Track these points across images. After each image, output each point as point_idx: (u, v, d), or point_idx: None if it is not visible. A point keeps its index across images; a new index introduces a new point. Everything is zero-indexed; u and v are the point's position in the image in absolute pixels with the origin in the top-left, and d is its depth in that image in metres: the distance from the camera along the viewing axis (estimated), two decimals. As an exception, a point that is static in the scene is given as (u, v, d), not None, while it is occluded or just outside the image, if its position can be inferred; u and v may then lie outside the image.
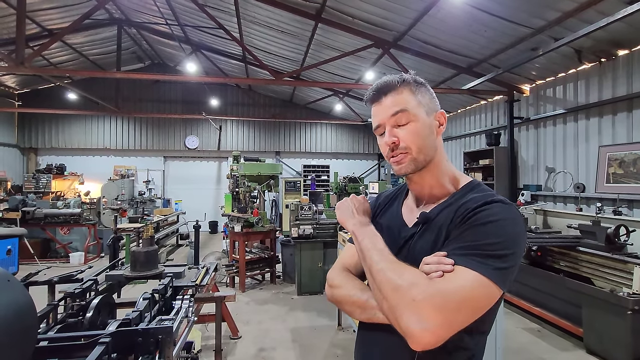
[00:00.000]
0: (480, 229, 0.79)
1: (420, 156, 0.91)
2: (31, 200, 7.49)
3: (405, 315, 0.71)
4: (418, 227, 0.93)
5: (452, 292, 0.71)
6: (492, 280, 0.73)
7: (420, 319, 0.69)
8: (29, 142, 10.89)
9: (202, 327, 3.80)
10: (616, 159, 4.81)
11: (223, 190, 10.48)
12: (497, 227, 0.78)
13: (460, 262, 0.75)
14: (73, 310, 1.69)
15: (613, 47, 4.78)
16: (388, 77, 0.94)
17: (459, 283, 0.73)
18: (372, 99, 0.96)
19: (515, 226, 0.80)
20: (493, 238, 0.77)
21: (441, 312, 0.69)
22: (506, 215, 0.80)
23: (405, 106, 0.90)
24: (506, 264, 0.76)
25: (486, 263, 0.74)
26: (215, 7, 6.72)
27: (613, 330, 3.20)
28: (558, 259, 4.09)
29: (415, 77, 0.95)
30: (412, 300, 0.71)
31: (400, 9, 5.19)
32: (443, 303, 0.70)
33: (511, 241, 0.78)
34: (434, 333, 0.69)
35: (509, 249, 0.77)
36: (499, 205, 0.82)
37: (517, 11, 4.54)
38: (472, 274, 0.73)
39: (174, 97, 11.53)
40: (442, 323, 0.69)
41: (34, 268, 6.42)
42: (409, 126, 0.90)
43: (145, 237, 2.15)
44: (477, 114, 8.16)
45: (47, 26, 7.77)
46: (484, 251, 0.76)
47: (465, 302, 0.72)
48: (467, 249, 0.77)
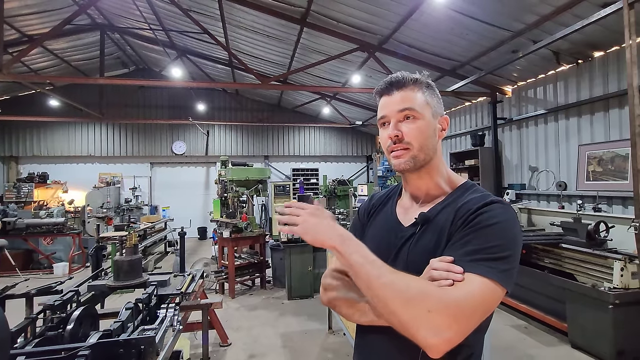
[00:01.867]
0: (484, 232, 0.80)
1: (420, 154, 0.92)
2: (12, 210, 7.29)
3: (423, 328, 0.70)
4: (417, 228, 0.92)
5: (465, 301, 0.72)
6: (498, 283, 0.75)
7: (438, 330, 0.70)
8: (9, 150, 10.60)
9: (191, 335, 3.74)
10: (595, 157, 4.95)
11: (212, 196, 10.37)
12: (499, 230, 0.80)
13: (469, 268, 0.76)
14: (53, 323, 1.66)
15: (589, 49, 4.94)
16: (402, 73, 0.96)
17: (470, 290, 0.74)
18: (383, 91, 0.97)
19: (514, 227, 0.83)
20: (497, 240, 0.79)
21: (457, 321, 0.71)
22: (506, 216, 0.82)
23: (414, 104, 0.92)
24: (509, 265, 0.78)
25: (492, 267, 0.76)
26: (199, 12, 6.68)
27: (596, 325, 3.28)
28: (542, 256, 4.17)
29: (428, 80, 0.98)
30: (428, 312, 0.70)
31: (384, 13, 5.26)
32: (458, 312, 0.71)
33: (512, 242, 0.80)
34: (451, 341, 0.70)
35: (510, 250, 0.79)
36: (499, 206, 0.84)
37: (497, 15, 4.65)
38: (482, 280, 0.75)
39: (159, 102, 11.39)
40: (458, 331, 0.71)
41: (15, 281, 6.23)
42: (414, 123, 0.91)
43: (128, 245, 2.12)
44: (462, 115, 8.30)
45: (26, 32, 7.60)
46: (490, 255, 0.77)
47: (478, 308, 0.74)
48: (473, 254, 0.78)
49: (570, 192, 5.32)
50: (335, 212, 6.42)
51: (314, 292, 5.22)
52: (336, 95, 9.86)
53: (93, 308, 1.82)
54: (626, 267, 3.17)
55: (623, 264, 3.18)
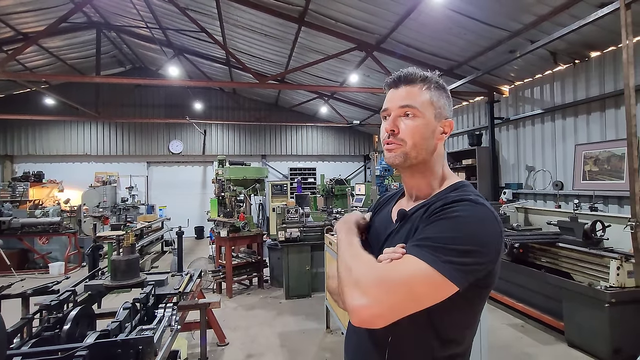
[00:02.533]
0: (440, 223, 0.81)
1: (412, 152, 0.92)
2: (7, 210, 7.22)
3: (348, 292, 0.76)
4: (397, 224, 0.97)
5: (390, 275, 0.75)
6: (439, 272, 0.74)
7: (360, 296, 0.74)
8: (4, 149, 10.51)
9: (189, 335, 3.73)
10: (591, 157, 4.98)
11: (209, 195, 10.35)
12: (457, 223, 0.80)
13: (411, 251, 0.79)
14: (49, 324, 1.64)
15: (586, 49, 4.96)
16: (414, 69, 0.97)
17: (401, 268, 0.77)
18: (391, 84, 0.98)
19: (480, 225, 0.81)
20: (451, 233, 0.78)
21: (377, 290, 0.73)
22: (472, 213, 0.81)
23: (415, 102, 0.92)
24: (463, 259, 0.76)
25: (436, 255, 0.76)
26: (197, 11, 6.65)
27: (592, 323, 3.30)
28: (539, 255, 4.19)
29: (439, 80, 0.97)
30: (357, 280, 0.77)
31: (382, 12, 5.25)
32: (379, 283, 0.74)
33: (472, 238, 0.78)
34: (371, 308, 0.73)
35: (468, 245, 0.77)
36: (468, 203, 0.83)
37: (495, 15, 4.66)
38: (417, 262, 0.76)
39: (156, 101, 11.34)
40: (379, 301, 0.73)
41: (10, 280, 6.17)
42: (412, 122, 0.92)
43: (125, 245, 2.10)
44: (459, 115, 8.32)
45: (22, 30, 7.53)
46: (438, 244, 0.77)
47: (402, 286, 0.74)
48: (422, 241, 0.80)
49: (566, 191, 5.35)
50: (332, 211, 6.42)
51: (312, 292, 5.22)
52: (334, 94, 9.85)
53: (90, 308, 1.80)
54: (622, 266, 3.19)
55: (619, 262, 3.20)
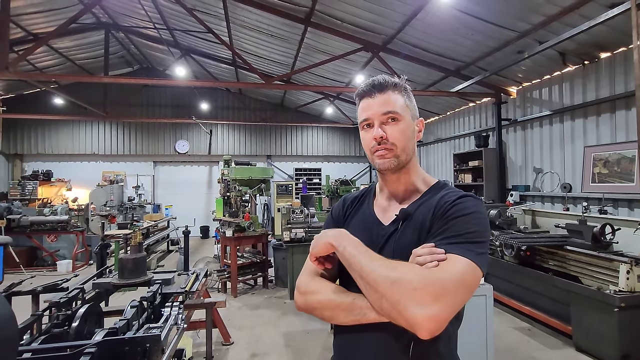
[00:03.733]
0: (461, 219, 0.87)
1: (402, 155, 0.96)
2: (16, 208, 7.32)
3: (410, 305, 0.74)
4: (399, 224, 0.96)
5: (448, 278, 0.77)
6: (476, 264, 0.82)
7: (424, 306, 0.73)
8: (14, 148, 10.65)
9: (194, 333, 3.75)
10: (601, 159, 4.92)
11: (214, 195, 10.40)
12: (474, 219, 0.88)
13: (451, 250, 0.83)
14: (58, 320, 1.66)
15: (596, 50, 4.90)
16: (382, 76, 1.00)
17: (453, 270, 0.79)
18: (364, 93, 1.00)
19: (485, 218, 0.93)
20: (473, 227, 0.87)
21: (441, 297, 0.75)
22: (479, 208, 0.91)
23: (396, 107, 0.97)
24: (483, 250, 0.86)
25: (470, 249, 0.83)
26: (204, 11, 6.69)
27: (601, 328, 3.25)
28: (547, 258, 4.14)
29: (405, 84, 1.03)
30: (413, 290, 0.75)
31: (388, 12, 5.24)
32: (442, 289, 0.75)
33: (485, 229, 0.90)
34: (438, 318, 0.74)
35: (484, 236, 0.88)
36: (472, 199, 0.93)
37: (503, 15, 4.63)
38: (464, 260, 0.81)
39: (163, 101, 11.42)
40: (443, 308, 0.74)
41: (20, 277, 6.26)
42: (397, 125, 0.96)
43: (133, 243, 2.12)
44: (466, 116, 8.27)
45: (32, 30, 7.64)
46: (468, 239, 0.85)
47: (461, 286, 0.78)
48: (455, 238, 0.85)
49: (575, 194, 5.29)
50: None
51: (317, 292, 5.21)
52: (339, 95, 9.85)
53: (98, 306, 1.82)
54: (632, 270, 3.14)
55: (629, 266, 3.15)
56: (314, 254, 0.95)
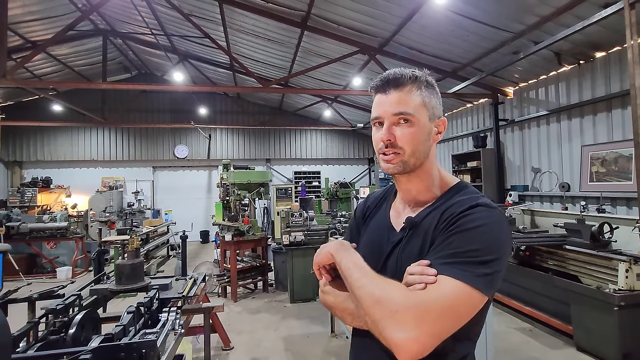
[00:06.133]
0: (464, 235, 0.78)
1: (411, 159, 0.88)
2: (16, 215, 7.32)
3: (388, 327, 0.70)
4: (405, 232, 0.91)
5: (433, 302, 0.71)
6: (475, 288, 0.72)
7: (404, 329, 0.69)
8: (13, 155, 10.67)
9: (194, 339, 3.74)
10: (598, 158, 4.93)
11: (214, 199, 10.39)
12: (481, 233, 0.77)
13: (443, 271, 0.74)
14: (55, 327, 1.65)
15: (590, 50, 4.92)
16: (400, 70, 0.90)
17: (440, 293, 0.72)
18: (379, 88, 0.92)
19: (499, 230, 0.79)
20: (477, 244, 0.76)
21: (423, 321, 0.69)
22: (490, 219, 0.79)
23: (409, 109, 0.87)
24: (490, 270, 0.75)
25: (469, 270, 0.73)
26: (201, 17, 6.73)
27: (601, 327, 3.24)
28: (546, 258, 4.14)
29: (428, 77, 0.91)
30: (395, 312, 0.70)
31: (384, 15, 5.27)
32: (424, 313, 0.69)
33: (495, 246, 0.77)
34: (418, 342, 0.68)
35: (493, 254, 0.76)
36: (483, 209, 0.81)
37: (498, 16, 4.65)
38: (454, 283, 0.72)
39: (161, 106, 11.45)
40: (425, 332, 0.68)
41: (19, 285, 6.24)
42: (409, 129, 0.87)
43: (130, 249, 2.12)
44: (464, 117, 8.29)
45: (30, 38, 7.67)
46: (468, 258, 0.75)
47: (447, 312, 0.71)
48: (451, 257, 0.76)
49: (573, 193, 5.30)
50: (337, 215, 6.41)
51: (316, 296, 5.20)
52: (337, 98, 9.87)
53: (95, 312, 1.81)
54: (631, 268, 3.14)
55: (628, 265, 3.15)
56: (317, 263, 0.94)
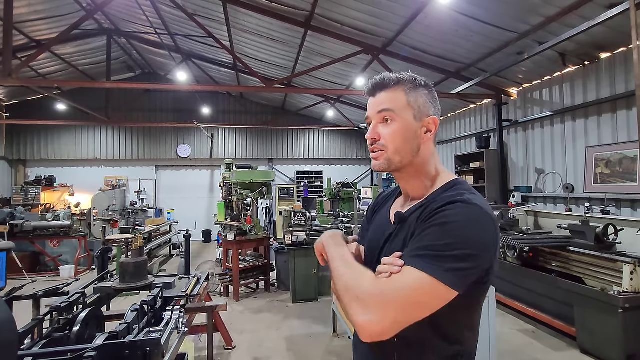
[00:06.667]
0: (437, 229, 0.79)
1: (395, 157, 0.92)
2: (19, 213, 7.36)
3: (353, 309, 0.76)
4: (396, 227, 0.96)
5: (394, 290, 0.75)
6: (440, 280, 0.74)
7: (365, 312, 0.74)
8: (17, 154, 10.73)
9: (196, 338, 3.75)
10: (603, 159, 4.90)
11: (216, 199, 10.42)
12: (452, 229, 0.78)
13: (410, 262, 0.78)
14: (59, 325, 1.66)
15: (595, 50, 4.90)
16: (388, 74, 0.96)
17: (402, 282, 0.76)
18: (369, 92, 0.98)
19: (475, 227, 0.79)
20: (446, 239, 0.77)
21: (383, 307, 0.73)
22: (465, 216, 0.80)
23: (391, 106, 0.92)
24: (461, 265, 0.75)
25: (436, 264, 0.75)
26: (204, 16, 6.74)
27: (605, 329, 3.23)
28: (550, 260, 4.12)
29: (416, 78, 0.96)
30: (357, 297, 0.76)
31: (387, 15, 5.26)
32: (383, 299, 0.74)
33: (469, 242, 0.77)
34: (378, 324, 0.73)
35: (466, 249, 0.76)
36: (461, 205, 0.81)
37: (502, 16, 4.64)
38: (417, 274, 0.75)
39: (165, 106, 11.48)
40: (384, 317, 0.73)
41: (22, 283, 6.27)
42: (391, 126, 0.92)
43: (134, 248, 2.12)
44: (467, 118, 8.26)
45: (35, 37, 7.71)
46: (437, 252, 0.76)
47: (407, 300, 0.74)
48: (421, 250, 0.78)
49: (577, 194, 5.27)
50: (339, 215, 6.41)
51: (319, 296, 5.20)
52: (340, 98, 9.87)
53: (99, 310, 1.82)
54: (636, 270, 3.12)
55: (633, 267, 3.13)
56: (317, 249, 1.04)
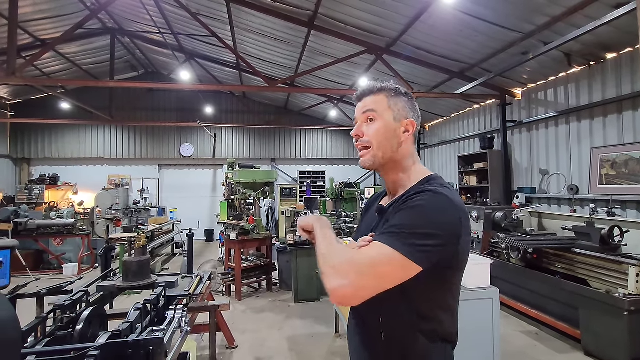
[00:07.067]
0: (404, 212, 0.91)
1: (379, 153, 1.03)
2: (23, 212, 7.40)
3: (327, 277, 0.85)
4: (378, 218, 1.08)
5: (360, 259, 0.86)
6: (402, 254, 0.84)
7: (335, 278, 0.84)
8: (22, 152, 10.79)
9: (198, 337, 3.74)
10: (608, 160, 4.86)
11: (219, 198, 10.43)
12: (418, 211, 0.90)
13: (377, 238, 0.90)
14: (63, 323, 1.66)
15: (601, 51, 4.86)
16: (370, 82, 1.10)
17: (367, 253, 0.87)
18: (357, 98, 1.12)
19: (439, 211, 0.90)
20: (412, 220, 0.89)
21: (350, 273, 0.83)
22: (431, 202, 0.91)
23: (374, 107, 1.05)
24: (422, 242, 0.86)
25: (400, 240, 0.86)
26: (208, 16, 6.75)
27: (610, 332, 3.20)
28: (554, 261, 4.09)
29: (396, 87, 1.08)
30: (332, 265, 0.87)
31: (391, 15, 5.24)
32: (351, 267, 0.84)
33: (431, 223, 0.88)
34: (346, 288, 0.82)
35: (428, 229, 0.87)
36: (429, 194, 0.93)
37: (507, 16, 4.61)
38: (381, 247, 0.86)
39: (168, 105, 11.51)
40: (352, 282, 0.83)
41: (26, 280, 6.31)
42: (374, 125, 1.04)
43: (137, 246, 2.12)
44: (471, 118, 8.23)
45: (40, 36, 7.75)
46: (401, 230, 0.87)
47: (372, 268, 0.85)
48: (389, 229, 0.90)
49: (582, 195, 5.23)
50: (342, 215, 6.40)
51: (321, 296, 5.19)
52: (343, 98, 9.85)
53: (102, 308, 1.82)
54: (642, 272, 3.09)
55: (638, 269, 3.10)
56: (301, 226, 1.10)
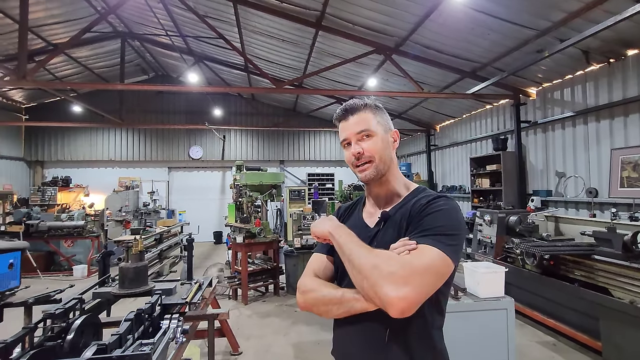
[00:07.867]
0: (431, 216, 1.00)
1: (381, 164, 1.10)
2: (36, 213, 7.49)
3: (385, 286, 0.85)
4: (381, 225, 1.10)
5: (417, 262, 0.89)
6: (445, 253, 0.93)
7: (397, 286, 0.85)
8: (35, 155, 11.00)
9: (202, 342, 3.68)
10: (630, 162, 4.62)
11: (227, 200, 10.42)
12: (444, 214, 1.01)
13: (421, 241, 0.96)
14: (53, 333, 1.59)
15: (622, 47, 4.63)
16: (353, 100, 1.15)
17: (421, 255, 0.92)
18: (340, 117, 1.16)
19: (457, 214, 1.04)
20: (442, 222, 0.99)
21: (411, 280, 0.85)
22: (450, 206, 1.03)
23: (368, 125, 1.11)
24: (454, 242, 0.97)
25: (439, 240, 0.95)
26: (215, 18, 6.74)
27: (634, 345, 3.00)
28: (572, 268, 3.88)
29: (376, 102, 1.17)
30: (389, 274, 0.87)
31: (400, 14, 5.12)
32: (412, 271, 0.87)
33: (456, 224, 1.00)
34: (406, 299, 0.84)
35: (454, 230, 0.99)
36: (444, 199, 1.05)
37: (521, 13, 4.44)
38: (432, 249, 0.93)
39: (177, 108, 11.59)
40: (412, 289, 0.85)
41: (37, 282, 6.36)
42: (371, 140, 1.10)
43: (134, 252, 2.05)
44: (483, 119, 8.01)
45: (52, 40, 7.87)
46: (437, 232, 0.96)
47: (429, 270, 0.89)
48: (424, 232, 0.97)
49: (602, 199, 4.99)
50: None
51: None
52: (351, 99, 9.72)
53: (96, 317, 1.75)
54: (669, 282, 2.89)
55: (666, 279, 2.90)
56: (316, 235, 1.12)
